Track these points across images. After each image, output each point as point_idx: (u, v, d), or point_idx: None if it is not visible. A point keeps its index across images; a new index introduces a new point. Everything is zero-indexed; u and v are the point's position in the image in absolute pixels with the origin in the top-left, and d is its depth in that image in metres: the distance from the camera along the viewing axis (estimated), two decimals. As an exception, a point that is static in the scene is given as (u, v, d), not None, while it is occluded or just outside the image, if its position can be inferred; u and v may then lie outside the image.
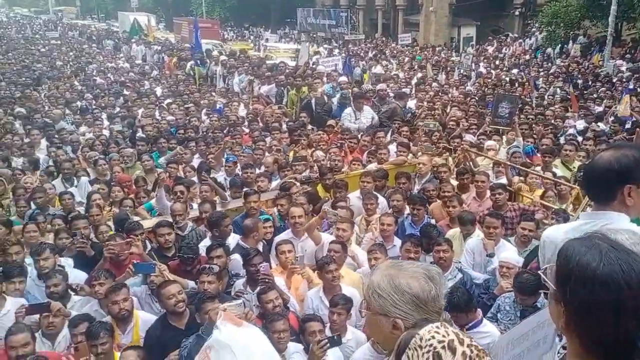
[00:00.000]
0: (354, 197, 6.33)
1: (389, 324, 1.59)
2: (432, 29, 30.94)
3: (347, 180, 6.56)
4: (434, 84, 14.76)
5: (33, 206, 6.69)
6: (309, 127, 9.87)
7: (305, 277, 4.79)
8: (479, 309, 4.13)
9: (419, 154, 7.70)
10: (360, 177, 6.48)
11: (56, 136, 9.68)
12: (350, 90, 11.23)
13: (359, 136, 8.78)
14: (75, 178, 7.69)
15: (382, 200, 6.22)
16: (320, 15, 38.42)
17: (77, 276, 4.93)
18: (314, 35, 36.54)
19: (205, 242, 5.38)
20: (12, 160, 8.68)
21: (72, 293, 4.62)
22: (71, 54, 24.49)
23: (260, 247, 5.25)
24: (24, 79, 17.01)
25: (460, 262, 5.08)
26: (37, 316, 4.24)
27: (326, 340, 3.75)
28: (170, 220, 5.56)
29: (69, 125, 10.80)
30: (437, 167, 7.20)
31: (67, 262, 5.15)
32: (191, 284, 4.79)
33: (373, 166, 7.45)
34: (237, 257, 5.06)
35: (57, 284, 4.50)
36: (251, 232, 5.30)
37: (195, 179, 7.35)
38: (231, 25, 44.69)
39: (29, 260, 5.06)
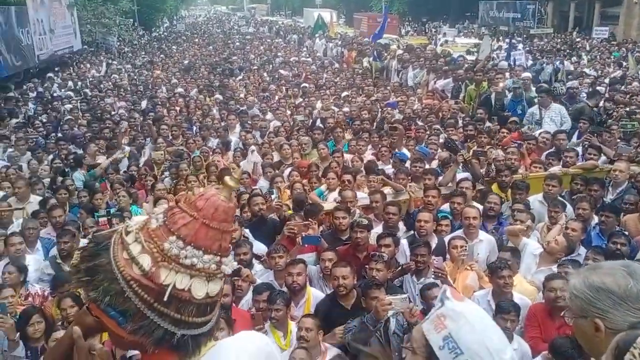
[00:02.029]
0: (535, 201, 5.92)
1: (589, 325, 1.50)
2: (634, 23, 27.40)
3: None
4: (635, 83, 13.02)
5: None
6: (488, 123, 9.43)
7: (476, 272, 4.64)
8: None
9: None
10: (544, 181, 6.02)
11: (249, 122, 10.66)
12: (525, 84, 10.44)
13: (538, 135, 8.17)
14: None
15: (568, 208, 5.71)
16: (505, 8, 36.33)
17: (259, 247, 5.42)
18: (495, 29, 34.72)
19: (377, 230, 5.49)
20: (209, 140, 9.80)
21: (256, 262, 5.08)
22: (261, 47, 26.70)
23: (434, 242, 5.20)
24: (221, 69, 19.08)
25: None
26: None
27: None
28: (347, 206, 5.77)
29: (258, 112, 11.82)
30: (636, 175, 6.37)
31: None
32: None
33: (557, 169, 6.88)
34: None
35: (245, 252, 4.99)
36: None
37: (362, 169, 7.58)
38: (409, 20, 44.62)
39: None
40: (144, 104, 13.40)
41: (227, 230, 1.31)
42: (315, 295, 4.74)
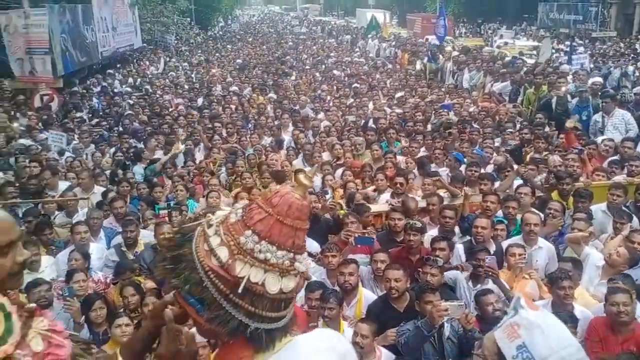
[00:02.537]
0: (599, 211, 5.69)
1: None
2: None
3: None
4: None
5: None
6: (547, 128, 9.14)
7: (535, 280, 4.52)
8: None
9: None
10: (609, 190, 5.79)
11: (300, 121, 10.76)
12: (594, 89, 10.01)
13: (600, 142, 7.85)
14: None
15: (634, 219, 5.46)
16: (565, 9, 35.01)
17: (312, 246, 5.46)
18: (555, 31, 33.53)
19: (432, 233, 5.43)
20: (263, 138, 9.95)
21: (310, 260, 5.12)
22: (314, 47, 26.86)
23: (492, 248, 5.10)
24: (274, 68, 19.34)
25: None
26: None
27: None
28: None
29: (311, 112, 11.90)
30: None
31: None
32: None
33: (621, 178, 6.59)
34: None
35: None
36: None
37: (415, 171, 7.51)
38: (464, 21, 43.77)
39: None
40: (200, 101, 13.75)
41: (301, 228, 1.33)
42: (367, 296, 4.73)
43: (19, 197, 6.64)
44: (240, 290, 1.26)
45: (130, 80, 17.38)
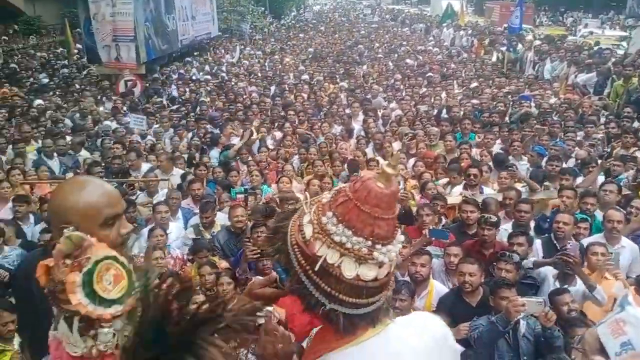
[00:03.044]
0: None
1: None
2: None
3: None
4: None
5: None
6: (636, 123, 8.57)
7: (622, 281, 4.28)
8: None
9: None
10: None
11: (371, 111, 10.70)
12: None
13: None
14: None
15: None
16: (659, -4, 32.50)
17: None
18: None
19: (506, 227, 5.27)
20: (334, 127, 9.99)
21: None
22: (386, 36, 26.51)
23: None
24: (346, 57, 19.29)
25: None
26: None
27: None
28: (477, 200, 5.59)
29: (383, 101, 11.80)
30: None
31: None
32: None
33: None
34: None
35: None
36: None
37: (491, 164, 7.27)
38: (545, 9, 41.63)
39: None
40: (272, 89, 13.99)
41: (380, 217, 1.29)
42: (438, 288, 4.66)
43: (105, 177, 7.06)
44: (316, 268, 1.28)
45: (207, 68, 17.93)
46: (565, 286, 4.32)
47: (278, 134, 9.50)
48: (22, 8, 26.44)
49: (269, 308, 1.82)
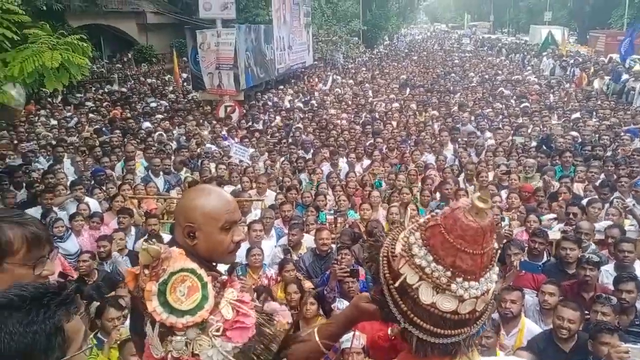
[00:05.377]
0: None
1: None
2: None
3: None
4: None
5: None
6: None
7: None
8: None
9: None
10: None
11: (464, 139, 10.50)
12: None
13: None
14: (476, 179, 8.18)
15: None
16: None
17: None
18: None
19: (608, 267, 4.92)
20: (424, 155, 9.88)
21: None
22: (481, 65, 25.99)
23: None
24: (438, 86, 19.12)
25: None
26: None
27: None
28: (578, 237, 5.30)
29: (475, 129, 11.53)
30: None
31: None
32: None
33: None
34: None
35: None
36: None
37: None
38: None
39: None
40: (363, 116, 14.15)
41: (463, 250, 1.25)
42: (529, 327, 4.44)
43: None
44: (397, 284, 1.29)
45: (301, 95, 18.54)
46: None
47: (367, 162, 9.56)
48: (136, 38, 29.00)
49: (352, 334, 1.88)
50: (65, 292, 1.25)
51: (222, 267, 4.95)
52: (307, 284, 5.21)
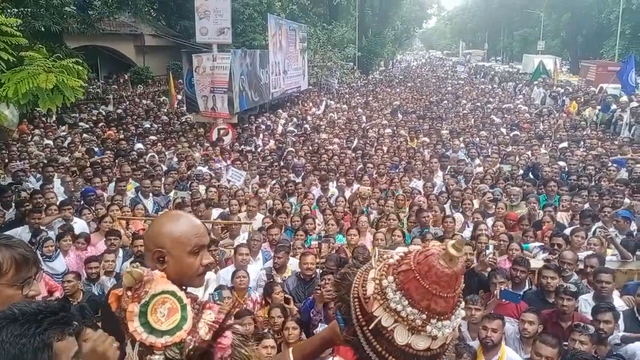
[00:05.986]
0: None
1: None
2: None
3: None
4: None
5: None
6: None
7: None
8: None
9: None
10: None
11: (453, 166, 10.63)
12: None
13: None
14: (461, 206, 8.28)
15: None
16: None
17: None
18: None
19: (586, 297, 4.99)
20: (413, 181, 9.99)
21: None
22: (473, 93, 26.35)
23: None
24: (430, 112, 19.37)
25: None
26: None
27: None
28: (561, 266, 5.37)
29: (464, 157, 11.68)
30: None
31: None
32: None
33: None
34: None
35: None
36: None
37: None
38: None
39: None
40: (355, 142, 14.29)
41: (438, 294, 1.30)
42: (509, 356, 4.46)
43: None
44: (371, 327, 1.33)
45: (295, 120, 18.71)
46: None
47: (356, 186, 9.64)
48: (134, 60, 29.27)
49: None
50: (62, 313, 1.35)
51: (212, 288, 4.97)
52: (293, 307, 5.24)
